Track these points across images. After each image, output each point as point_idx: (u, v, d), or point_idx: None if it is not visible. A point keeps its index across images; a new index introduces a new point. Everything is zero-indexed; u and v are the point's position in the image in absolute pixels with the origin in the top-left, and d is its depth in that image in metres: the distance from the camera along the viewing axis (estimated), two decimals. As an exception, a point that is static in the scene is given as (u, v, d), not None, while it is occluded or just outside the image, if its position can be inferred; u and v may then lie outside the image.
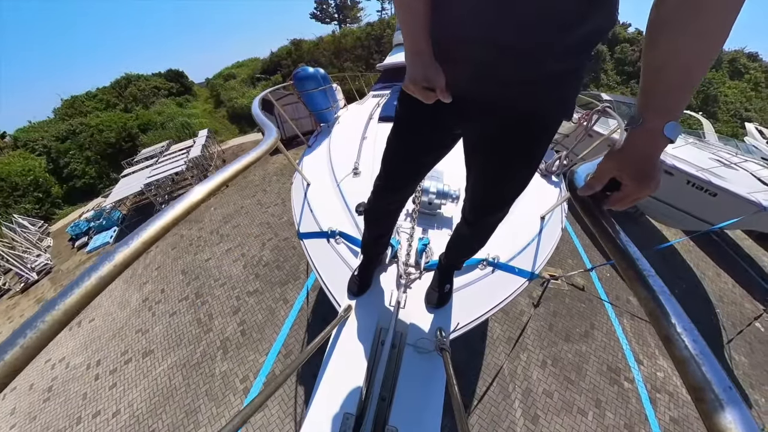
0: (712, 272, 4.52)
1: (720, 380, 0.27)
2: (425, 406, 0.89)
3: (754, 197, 3.17)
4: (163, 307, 4.13)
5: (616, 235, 0.43)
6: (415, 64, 0.58)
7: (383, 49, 13.01)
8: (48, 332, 0.31)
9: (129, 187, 6.78)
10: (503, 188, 0.78)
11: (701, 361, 0.28)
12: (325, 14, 20.97)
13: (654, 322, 0.33)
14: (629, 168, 0.45)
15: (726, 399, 0.26)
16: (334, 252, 1.42)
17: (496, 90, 0.59)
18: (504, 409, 2.57)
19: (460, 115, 0.67)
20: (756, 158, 4.54)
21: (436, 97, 0.58)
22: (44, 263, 6.18)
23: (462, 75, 0.58)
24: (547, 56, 0.51)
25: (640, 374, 2.93)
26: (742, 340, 3.41)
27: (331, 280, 1.34)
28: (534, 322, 3.30)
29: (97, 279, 0.36)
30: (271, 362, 3.06)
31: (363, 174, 1.86)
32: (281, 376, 0.72)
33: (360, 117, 2.79)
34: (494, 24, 0.50)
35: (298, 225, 1.71)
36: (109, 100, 13.08)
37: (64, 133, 10.60)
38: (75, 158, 10.18)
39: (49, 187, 9.57)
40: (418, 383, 0.93)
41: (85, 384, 3.39)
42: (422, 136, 0.77)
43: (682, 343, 0.30)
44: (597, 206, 0.49)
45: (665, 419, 2.60)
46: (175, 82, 15.28)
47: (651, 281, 0.37)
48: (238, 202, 6.53)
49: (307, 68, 2.46)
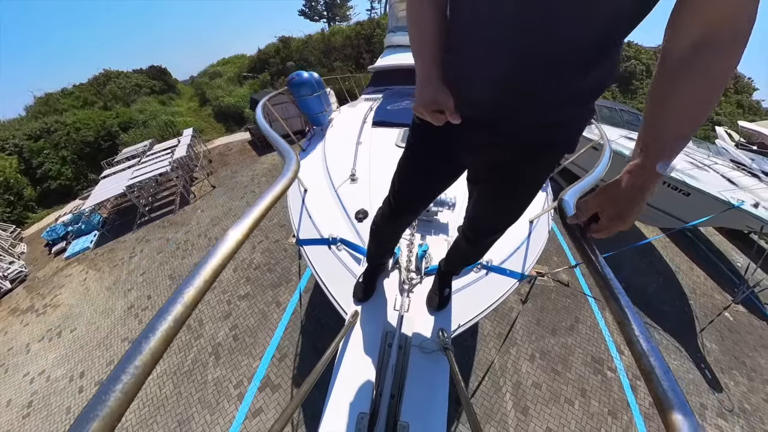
0: (686, 266, 4.80)
1: (662, 367, 0.37)
2: (432, 402, 0.95)
3: (724, 196, 3.41)
4: (150, 314, 4.01)
5: (595, 259, 0.52)
6: (425, 87, 0.60)
7: (373, 48, 12.97)
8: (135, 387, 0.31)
9: (110, 189, 6.50)
10: (504, 215, 0.83)
11: (650, 355, 0.39)
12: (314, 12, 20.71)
13: (621, 328, 0.44)
14: (608, 208, 0.52)
15: (667, 383, 0.36)
16: (336, 259, 1.45)
17: (506, 129, 0.62)
18: (496, 402, 2.67)
19: (471, 148, 0.70)
20: (725, 160, 4.85)
21: (446, 119, 0.60)
22: (18, 271, 5.84)
23: (473, 112, 0.60)
24: (555, 104, 0.55)
25: (621, 364, 3.09)
26: (713, 329, 3.65)
27: (335, 287, 1.37)
28: (522, 317, 3.42)
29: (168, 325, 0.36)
30: (266, 366, 3.04)
31: (360, 180, 1.88)
32: (306, 384, 0.72)
33: (354, 121, 2.80)
34: (507, 71, 0.51)
35: (297, 232, 1.71)
36: (87, 97, 12.45)
37: (37, 132, 9.99)
38: (50, 158, 9.63)
39: (21, 189, 9.02)
40: (425, 381, 0.99)
41: (68, 397, 3.24)
42: (434, 165, 0.79)
43: (640, 345, 0.41)
44: (582, 233, 0.57)
45: (645, 404, 2.76)
46: (158, 80, 14.72)
47: (621, 298, 0.46)
48: (227, 203, 6.39)
49: (302, 73, 2.45)
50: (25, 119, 11.17)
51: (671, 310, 3.91)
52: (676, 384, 0.36)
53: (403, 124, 2.47)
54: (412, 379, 0.98)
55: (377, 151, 2.11)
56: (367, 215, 1.60)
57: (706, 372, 3.22)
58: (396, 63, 4.12)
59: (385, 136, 2.35)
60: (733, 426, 2.79)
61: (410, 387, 0.96)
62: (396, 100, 3.18)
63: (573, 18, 0.43)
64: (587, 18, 0.43)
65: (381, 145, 2.21)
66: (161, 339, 0.35)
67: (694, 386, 3.07)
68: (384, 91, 3.76)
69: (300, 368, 2.99)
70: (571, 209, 0.61)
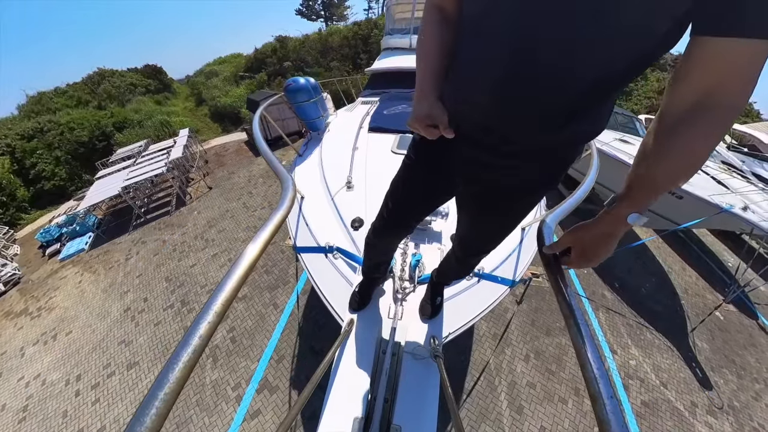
0: (678, 267, 4.88)
1: (608, 393, 0.42)
2: (423, 406, 0.99)
3: (715, 200, 3.48)
4: (147, 316, 3.99)
5: (564, 290, 0.59)
6: (421, 103, 0.62)
7: (370, 49, 12.96)
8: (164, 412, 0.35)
9: (105, 190, 6.45)
10: (493, 238, 0.87)
11: (599, 380, 0.44)
12: (311, 11, 20.64)
13: (578, 353, 0.50)
14: (578, 247, 0.59)
15: (610, 407, 0.41)
16: (332, 267, 1.48)
17: (501, 160, 0.64)
18: (491, 401, 2.71)
19: (467, 173, 0.72)
20: (716, 162, 4.94)
21: (439, 134, 0.62)
22: (11, 273, 5.78)
23: (470, 141, 0.63)
24: (535, 148, 0.58)
25: (614, 363, 3.15)
26: (704, 328, 3.72)
27: (332, 295, 1.40)
28: (517, 318, 3.46)
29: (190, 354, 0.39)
30: (263, 368, 3.05)
31: (356, 187, 1.90)
32: (306, 390, 0.77)
33: (350, 125, 2.82)
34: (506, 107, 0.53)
35: (294, 239, 1.74)
36: (81, 96, 12.33)
37: (30, 132, 9.87)
38: (43, 158, 9.52)
39: (13, 190, 8.90)
40: (416, 386, 1.03)
41: (64, 401, 3.22)
42: (431, 181, 0.80)
43: (592, 371, 0.46)
44: (556, 262, 0.63)
45: (637, 403, 2.82)
46: (153, 79, 14.61)
47: (582, 329, 0.53)
48: (223, 205, 6.37)
49: (299, 79, 2.45)
50: (17, 118, 11.02)
51: (664, 310, 3.98)
52: (618, 409, 0.41)
53: (399, 130, 2.47)
54: (405, 384, 1.02)
55: (373, 158, 2.14)
56: (362, 224, 1.62)
57: (696, 370, 3.28)
58: (393, 66, 4.14)
59: (381, 141, 2.37)
60: (723, 423, 2.85)
61: (403, 392, 1.00)
62: (392, 104, 3.19)
63: (556, 79, 0.45)
64: (572, 81, 0.45)
65: (377, 151, 2.24)
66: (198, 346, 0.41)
67: (685, 384, 3.13)
68: (381, 94, 3.77)
69: (297, 370, 3.00)
70: (551, 234, 0.66)
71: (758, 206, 3.50)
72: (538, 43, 0.43)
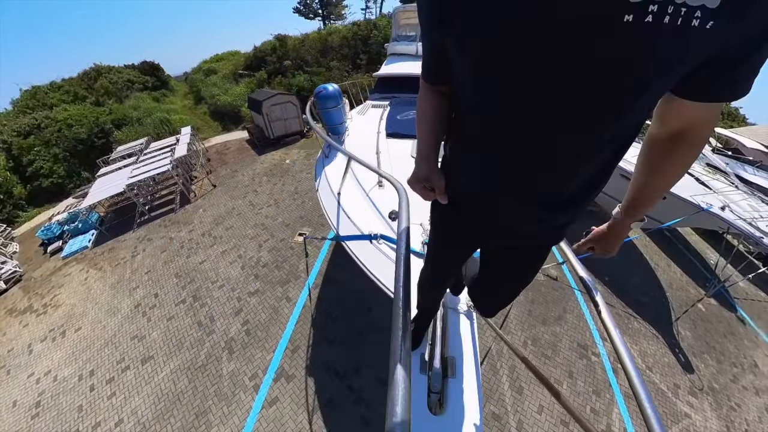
0: (664, 263, 5.19)
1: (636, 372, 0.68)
2: (467, 347, 1.34)
3: (696, 200, 3.76)
4: (159, 311, 4.07)
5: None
6: (421, 166, 0.66)
7: (370, 49, 13.09)
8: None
9: (109, 188, 6.46)
10: (511, 292, 1.03)
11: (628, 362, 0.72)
12: (309, 9, 20.60)
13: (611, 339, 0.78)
14: (599, 247, 0.81)
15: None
16: (379, 251, 1.69)
17: (505, 237, 0.74)
18: (494, 383, 2.94)
19: (481, 239, 0.84)
20: (701, 164, 5.24)
21: (434, 197, 0.67)
22: (12, 270, 5.75)
23: (477, 222, 0.72)
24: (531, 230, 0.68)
25: (604, 349, 3.41)
26: (687, 319, 4.01)
27: (381, 274, 1.61)
28: (516, 308, 3.69)
29: None
30: (279, 358, 3.20)
31: (386, 186, 2.15)
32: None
33: (367, 130, 3.08)
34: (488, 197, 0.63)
35: (336, 229, 1.97)
36: (78, 92, 12.12)
37: (26, 128, 9.72)
38: (40, 155, 9.39)
39: (10, 188, 8.78)
40: (457, 334, 1.37)
41: (79, 396, 3.25)
42: (452, 237, 0.88)
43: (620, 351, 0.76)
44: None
45: (625, 385, 3.07)
46: (151, 76, 14.45)
47: (608, 318, 0.82)
48: (229, 203, 6.45)
49: (328, 87, 2.65)
50: (11, 113, 10.81)
51: (650, 301, 4.26)
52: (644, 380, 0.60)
53: (414, 136, 2.66)
54: (452, 329, 1.36)
55: (396, 162, 2.43)
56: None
57: (680, 356, 3.57)
58: (401, 72, 4.33)
59: (400, 147, 2.66)
60: (703, 402, 3.13)
61: (452, 334, 1.33)
62: (403, 108, 3.42)
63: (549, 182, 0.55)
64: (562, 182, 0.55)
65: (397, 156, 2.53)
66: None
67: (668, 368, 3.41)
68: (390, 98, 3.96)
69: (313, 359, 3.17)
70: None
71: (737, 206, 3.80)
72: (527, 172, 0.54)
